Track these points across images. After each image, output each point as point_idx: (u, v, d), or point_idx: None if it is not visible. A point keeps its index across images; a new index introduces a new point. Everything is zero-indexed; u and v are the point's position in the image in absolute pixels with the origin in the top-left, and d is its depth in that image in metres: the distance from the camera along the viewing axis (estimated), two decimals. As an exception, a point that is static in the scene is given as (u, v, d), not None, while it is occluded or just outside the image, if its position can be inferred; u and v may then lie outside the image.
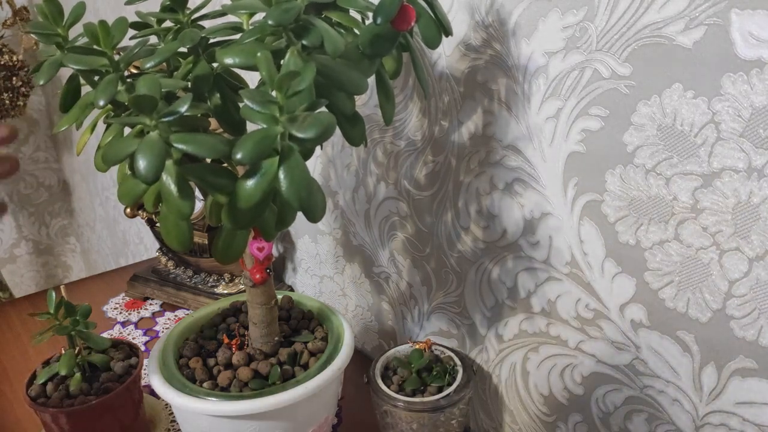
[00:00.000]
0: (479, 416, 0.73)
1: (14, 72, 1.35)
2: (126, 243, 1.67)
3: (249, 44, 0.39)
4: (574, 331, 0.58)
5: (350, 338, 0.61)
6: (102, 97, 0.39)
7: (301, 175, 0.36)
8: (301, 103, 0.36)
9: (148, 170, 0.36)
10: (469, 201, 0.64)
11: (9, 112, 1.38)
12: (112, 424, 0.64)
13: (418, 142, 0.68)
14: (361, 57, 0.42)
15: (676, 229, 0.47)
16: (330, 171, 0.84)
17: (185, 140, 0.37)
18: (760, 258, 0.43)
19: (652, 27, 0.45)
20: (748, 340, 0.46)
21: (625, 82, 0.47)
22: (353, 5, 0.42)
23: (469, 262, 0.67)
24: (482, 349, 0.69)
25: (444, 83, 0.63)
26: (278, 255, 1.04)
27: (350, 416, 0.75)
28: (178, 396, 0.54)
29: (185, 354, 0.60)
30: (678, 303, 0.49)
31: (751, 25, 0.40)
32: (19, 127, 1.74)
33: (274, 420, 0.55)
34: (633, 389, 0.55)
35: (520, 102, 0.56)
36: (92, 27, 0.41)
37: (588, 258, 0.55)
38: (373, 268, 0.82)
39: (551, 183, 0.55)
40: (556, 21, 0.51)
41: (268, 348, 0.59)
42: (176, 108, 0.37)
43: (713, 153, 0.44)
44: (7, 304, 1.06)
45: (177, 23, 0.48)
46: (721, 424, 0.49)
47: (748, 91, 0.41)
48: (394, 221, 0.76)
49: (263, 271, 0.56)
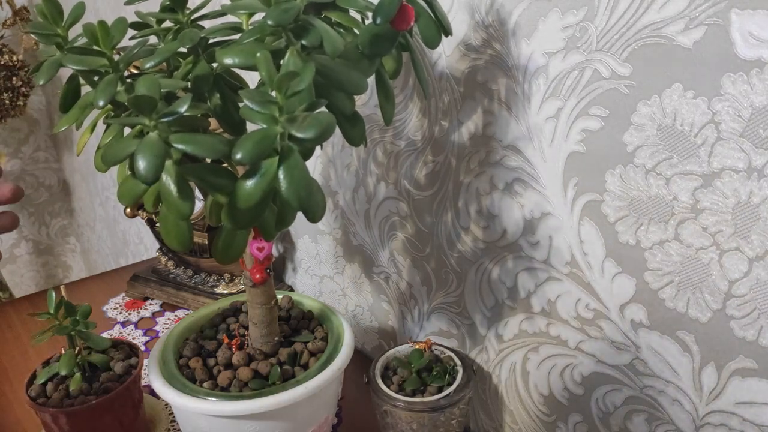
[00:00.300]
0: (479, 416, 0.73)
1: (14, 72, 1.35)
2: (126, 243, 1.67)
3: (248, 44, 0.39)
4: (574, 331, 0.58)
5: (350, 338, 0.61)
6: (101, 97, 0.39)
7: (301, 175, 0.36)
8: (300, 103, 0.36)
9: (148, 170, 0.36)
10: (469, 201, 0.64)
11: (9, 112, 1.38)
12: (112, 424, 0.64)
13: (418, 142, 0.68)
14: (360, 57, 0.42)
15: (676, 229, 0.47)
16: (330, 171, 0.84)
17: (185, 140, 0.37)
18: (760, 258, 0.43)
19: (652, 27, 0.45)
20: (748, 340, 0.46)
21: (625, 82, 0.47)
22: (353, 5, 0.42)
23: (469, 262, 0.67)
24: (482, 349, 0.69)
25: (444, 83, 0.63)
26: (278, 255, 1.04)
27: (350, 416, 0.75)
28: (178, 396, 0.54)
29: (185, 354, 0.60)
30: (678, 303, 0.49)
31: (751, 25, 0.40)
32: (19, 127, 1.74)
33: (274, 420, 0.55)
34: (633, 389, 0.55)
35: (520, 102, 0.56)
36: (92, 27, 0.41)
37: (588, 258, 0.54)
38: (373, 268, 0.82)
39: (551, 183, 0.55)
40: (556, 21, 0.51)
41: (268, 348, 0.59)
42: (176, 108, 0.37)
43: (713, 153, 0.44)
44: (7, 304, 1.06)
45: (177, 23, 0.48)
46: (721, 424, 0.49)
47: (748, 91, 0.41)
48: (394, 221, 0.76)
49: (263, 271, 0.56)
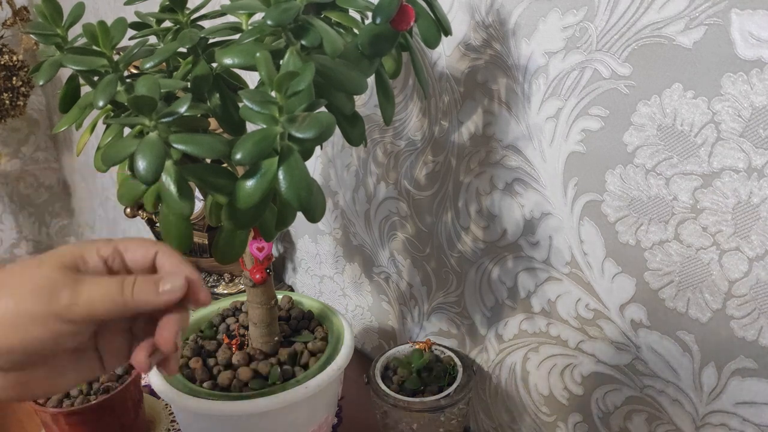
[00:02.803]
0: (479, 416, 0.73)
1: (14, 72, 1.35)
2: (126, 243, 1.67)
3: (248, 44, 0.39)
4: (574, 331, 0.58)
5: (350, 338, 0.61)
6: (101, 97, 0.39)
7: (301, 175, 0.36)
8: (300, 103, 0.36)
9: (148, 171, 0.36)
10: (469, 201, 0.64)
11: (9, 112, 1.38)
12: (112, 424, 0.64)
13: (418, 142, 0.68)
14: (360, 57, 0.42)
15: (676, 229, 0.47)
16: (330, 171, 0.84)
17: (184, 140, 0.37)
18: (760, 258, 0.43)
19: (652, 27, 0.45)
20: (748, 340, 0.46)
21: (625, 82, 0.47)
22: (352, 5, 0.42)
23: (469, 262, 0.67)
24: (482, 349, 0.69)
25: (444, 83, 0.63)
26: (278, 255, 1.04)
27: (350, 416, 0.75)
28: (178, 396, 0.54)
29: (185, 354, 0.60)
30: (678, 303, 0.49)
31: (751, 25, 0.40)
32: (19, 127, 1.74)
33: (274, 420, 0.55)
34: (633, 389, 0.54)
35: (520, 102, 0.56)
36: (91, 27, 0.41)
37: (588, 258, 0.54)
38: (373, 268, 0.82)
39: (551, 183, 0.55)
40: (556, 21, 0.50)
41: (268, 348, 0.59)
42: (175, 108, 0.37)
43: (713, 153, 0.44)
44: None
45: (176, 23, 0.48)
46: (721, 424, 0.49)
47: (748, 91, 0.41)
48: (394, 221, 0.76)
49: (263, 271, 0.56)
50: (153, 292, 0.34)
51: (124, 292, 0.33)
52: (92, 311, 0.32)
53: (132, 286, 0.33)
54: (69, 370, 0.36)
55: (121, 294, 0.33)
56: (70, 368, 0.36)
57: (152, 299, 0.34)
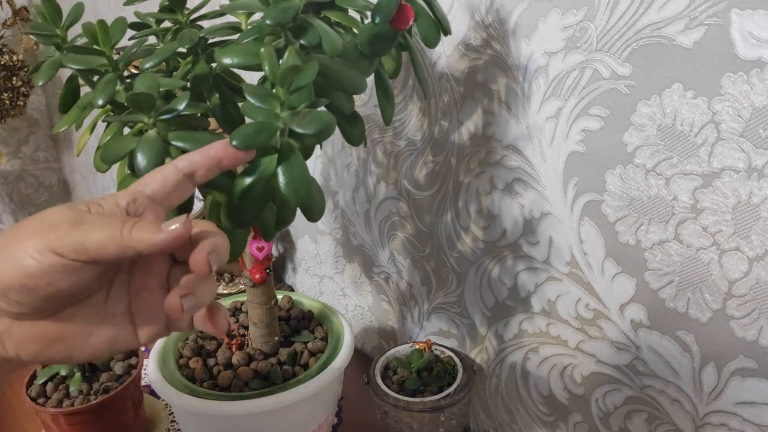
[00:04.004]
0: (479, 416, 0.73)
1: (14, 72, 1.35)
2: (126, 243, 1.67)
3: (248, 44, 0.39)
4: (574, 331, 0.58)
5: (350, 338, 0.61)
6: (101, 96, 0.39)
7: (300, 174, 0.36)
8: (302, 100, 0.36)
9: (148, 168, 0.36)
10: (469, 201, 0.64)
11: (9, 112, 1.38)
12: (112, 424, 0.64)
13: (418, 142, 0.68)
14: (359, 56, 0.42)
15: (676, 229, 0.47)
16: (330, 171, 0.84)
17: (183, 138, 0.37)
18: (760, 258, 0.43)
19: (652, 27, 0.45)
20: (748, 340, 0.46)
21: (625, 82, 0.47)
22: (352, 4, 0.42)
23: (469, 262, 0.67)
24: (482, 349, 0.69)
25: (444, 83, 0.63)
26: (278, 255, 1.04)
27: (350, 416, 0.75)
28: (178, 396, 0.54)
29: (185, 354, 0.60)
30: (678, 303, 0.49)
31: (751, 25, 0.40)
32: (19, 127, 1.74)
33: (274, 420, 0.55)
34: (633, 389, 0.54)
35: (520, 102, 0.56)
36: (91, 27, 0.41)
37: (588, 258, 0.54)
38: (373, 268, 0.82)
39: (551, 183, 0.55)
40: (556, 21, 0.50)
41: (268, 348, 0.59)
42: (174, 106, 0.37)
43: (713, 153, 0.44)
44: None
45: (176, 23, 0.48)
46: (721, 424, 0.49)
47: (748, 91, 0.41)
48: (394, 221, 0.76)
49: (263, 271, 0.56)
50: (153, 230, 0.31)
51: (123, 230, 0.30)
52: (84, 245, 0.30)
53: (132, 225, 0.31)
54: (94, 333, 0.33)
55: (120, 232, 0.30)
56: (95, 331, 0.33)
57: (149, 237, 0.31)
